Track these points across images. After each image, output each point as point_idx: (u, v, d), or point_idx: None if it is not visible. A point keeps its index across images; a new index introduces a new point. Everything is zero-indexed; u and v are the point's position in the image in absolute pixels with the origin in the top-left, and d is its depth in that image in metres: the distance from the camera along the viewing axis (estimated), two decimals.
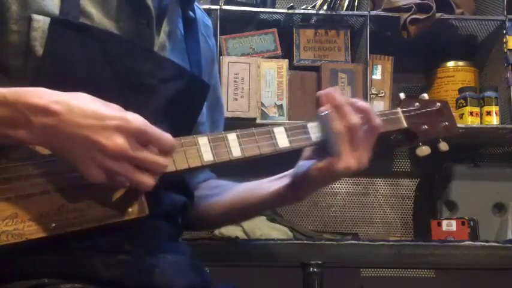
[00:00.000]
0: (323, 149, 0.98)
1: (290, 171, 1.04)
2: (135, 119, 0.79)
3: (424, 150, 1.11)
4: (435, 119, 1.13)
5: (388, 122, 1.07)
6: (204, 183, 1.20)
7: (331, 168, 0.96)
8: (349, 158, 0.95)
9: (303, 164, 1.01)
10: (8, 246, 0.78)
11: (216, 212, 1.14)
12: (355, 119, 0.96)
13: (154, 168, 0.80)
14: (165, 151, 0.82)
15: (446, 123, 1.14)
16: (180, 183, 1.03)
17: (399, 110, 1.10)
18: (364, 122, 0.98)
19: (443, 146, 1.13)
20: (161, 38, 1.00)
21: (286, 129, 0.97)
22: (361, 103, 0.99)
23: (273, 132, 0.96)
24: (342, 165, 0.95)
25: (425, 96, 1.16)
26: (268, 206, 1.14)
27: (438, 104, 1.15)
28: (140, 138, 0.79)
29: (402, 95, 1.14)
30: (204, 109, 1.11)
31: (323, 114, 0.96)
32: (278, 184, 1.05)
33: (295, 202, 1.08)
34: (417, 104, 1.13)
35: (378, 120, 0.99)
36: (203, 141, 0.90)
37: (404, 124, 1.09)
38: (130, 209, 0.84)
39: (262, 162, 0.98)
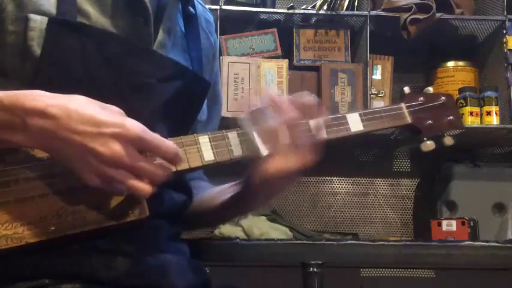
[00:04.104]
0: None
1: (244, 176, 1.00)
2: (133, 126, 0.77)
3: (428, 145, 1.09)
4: (440, 114, 1.11)
5: (392, 118, 1.06)
6: (190, 182, 1.19)
7: (270, 167, 0.92)
8: (287, 157, 0.91)
9: (246, 172, 0.98)
10: (8, 250, 0.77)
11: (192, 214, 1.11)
12: (291, 115, 0.91)
13: (153, 177, 0.79)
14: (168, 158, 0.80)
15: (451, 117, 1.12)
16: (180, 181, 1.02)
17: (403, 105, 1.08)
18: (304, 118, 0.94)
19: (448, 141, 1.11)
20: (160, 36, 0.99)
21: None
22: (302, 99, 0.94)
23: None
24: (278, 165, 0.91)
25: (430, 90, 1.14)
26: (231, 213, 1.11)
27: (443, 97, 1.13)
28: (138, 146, 0.78)
29: (407, 89, 1.12)
30: (205, 107, 1.11)
31: (241, 118, 0.93)
32: (234, 191, 1.02)
33: (252, 209, 1.04)
34: (421, 98, 1.11)
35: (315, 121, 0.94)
36: (204, 140, 0.89)
37: (408, 119, 1.08)
38: (130, 211, 0.83)
39: None
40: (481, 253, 1.50)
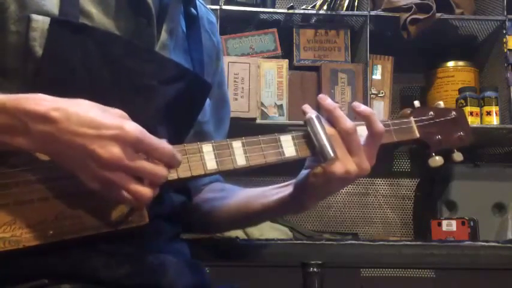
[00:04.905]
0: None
1: (294, 180, 1.02)
2: (133, 128, 0.77)
3: (437, 161, 1.07)
4: (450, 129, 1.10)
5: (400, 132, 1.04)
6: (208, 185, 1.18)
7: (327, 173, 0.93)
8: (347, 163, 0.93)
9: (303, 173, 0.99)
10: (5, 252, 0.77)
11: (220, 216, 1.12)
12: (348, 123, 0.93)
13: (153, 179, 0.79)
14: (164, 162, 0.80)
15: (461, 133, 1.11)
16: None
17: (412, 119, 1.06)
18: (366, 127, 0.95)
19: (458, 157, 1.09)
20: (162, 37, 0.99)
21: (293, 138, 0.94)
22: (362, 108, 0.96)
23: (280, 141, 0.93)
24: (338, 170, 0.92)
25: (441, 104, 1.13)
26: (272, 214, 1.11)
27: (453, 112, 1.11)
28: (138, 148, 0.77)
29: (417, 103, 1.10)
30: (207, 107, 1.10)
31: (308, 118, 0.94)
32: (281, 193, 1.03)
33: (300, 211, 1.04)
34: (431, 112, 1.09)
35: (380, 126, 0.95)
36: (207, 148, 0.88)
37: (417, 134, 1.06)
38: (130, 218, 0.82)
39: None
40: (481, 253, 1.50)
